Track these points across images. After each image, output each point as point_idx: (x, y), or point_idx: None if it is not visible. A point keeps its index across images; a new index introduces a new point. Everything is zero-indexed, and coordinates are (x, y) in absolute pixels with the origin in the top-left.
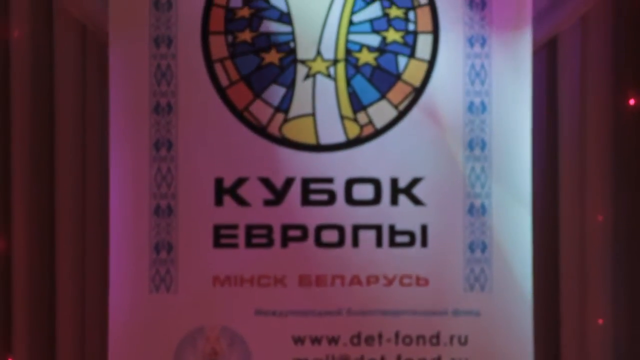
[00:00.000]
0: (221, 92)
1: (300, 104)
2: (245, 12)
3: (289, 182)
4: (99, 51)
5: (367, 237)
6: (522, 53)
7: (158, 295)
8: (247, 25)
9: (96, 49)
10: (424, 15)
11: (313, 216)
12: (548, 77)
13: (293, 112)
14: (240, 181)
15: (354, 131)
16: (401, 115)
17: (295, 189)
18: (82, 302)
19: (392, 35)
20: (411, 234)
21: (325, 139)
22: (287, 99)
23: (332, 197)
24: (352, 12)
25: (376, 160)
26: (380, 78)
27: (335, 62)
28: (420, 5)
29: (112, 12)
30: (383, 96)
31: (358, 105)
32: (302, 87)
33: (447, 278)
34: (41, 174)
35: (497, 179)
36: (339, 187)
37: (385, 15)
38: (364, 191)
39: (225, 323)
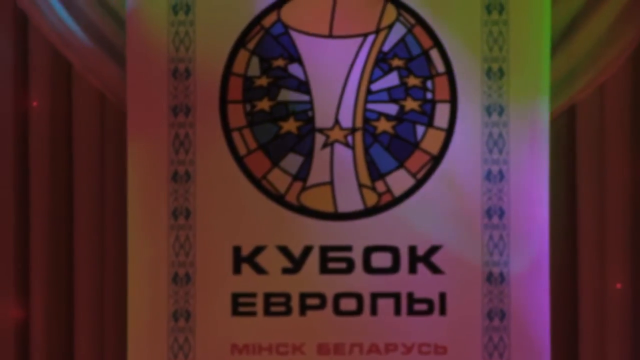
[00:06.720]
0: (239, 160)
1: (318, 172)
2: (264, 81)
3: (307, 250)
4: (118, 120)
5: (386, 305)
6: (540, 121)
7: None
8: (265, 94)
9: (115, 118)
10: (442, 84)
11: (331, 284)
12: (566, 145)
13: (311, 180)
14: (259, 249)
15: (372, 199)
16: (419, 183)
17: (314, 257)
18: None
19: (410, 104)
20: (430, 302)
21: (343, 208)
22: (305, 167)
23: (350, 265)
24: (370, 81)
25: (394, 228)
26: (398, 147)
27: (353, 130)
28: (438, 74)
29: (130, 81)
30: (401, 165)
31: (376, 173)
32: (320, 156)
33: (466, 346)
34: (59, 244)
35: (515, 246)
36: (357, 256)
37: (403, 84)
38: (382, 259)
39: None
